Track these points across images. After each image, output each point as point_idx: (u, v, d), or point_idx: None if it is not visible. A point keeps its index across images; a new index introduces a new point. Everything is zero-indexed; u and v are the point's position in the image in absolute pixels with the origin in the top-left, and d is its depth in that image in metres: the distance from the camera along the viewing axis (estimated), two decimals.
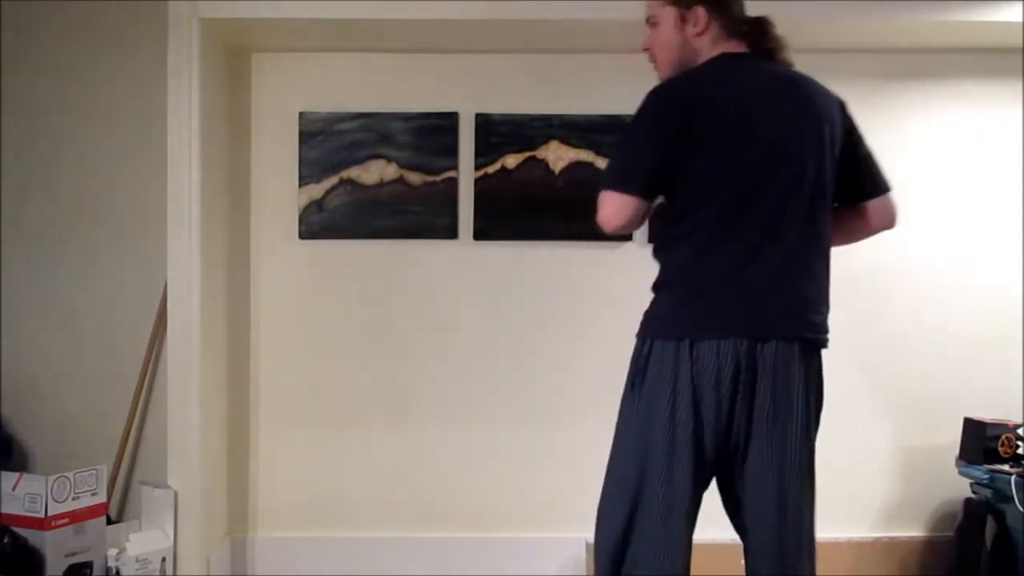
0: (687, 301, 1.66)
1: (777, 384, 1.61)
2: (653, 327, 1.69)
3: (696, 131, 1.63)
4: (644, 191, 1.66)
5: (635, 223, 1.69)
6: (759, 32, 1.76)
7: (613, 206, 1.66)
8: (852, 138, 1.76)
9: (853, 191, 1.78)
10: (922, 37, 2.88)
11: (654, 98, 1.68)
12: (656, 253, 1.75)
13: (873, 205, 1.79)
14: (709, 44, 1.75)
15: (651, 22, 1.83)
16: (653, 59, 1.84)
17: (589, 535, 3.01)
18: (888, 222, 1.82)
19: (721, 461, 1.67)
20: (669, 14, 1.77)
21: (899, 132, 3.03)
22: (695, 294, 1.65)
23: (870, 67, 3.03)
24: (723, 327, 1.61)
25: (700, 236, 1.65)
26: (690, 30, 1.75)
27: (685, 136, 1.63)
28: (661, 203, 1.73)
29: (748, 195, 1.63)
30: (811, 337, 1.66)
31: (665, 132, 1.64)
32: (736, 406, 1.62)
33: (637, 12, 2.75)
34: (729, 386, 1.60)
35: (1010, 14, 2.73)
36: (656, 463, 1.64)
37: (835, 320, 1.72)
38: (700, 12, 1.74)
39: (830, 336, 1.71)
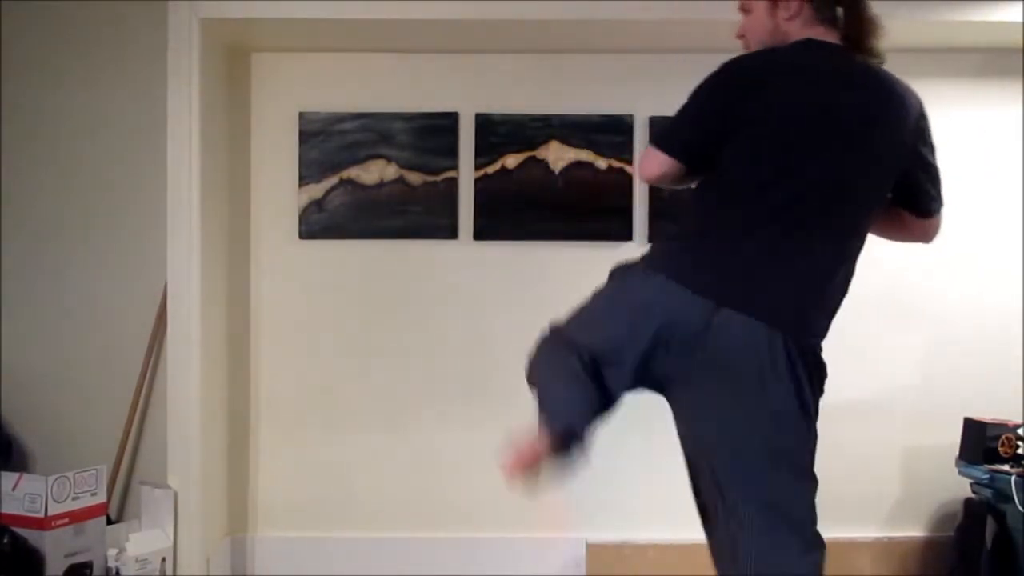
0: (700, 258, 1.65)
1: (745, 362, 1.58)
2: (656, 262, 1.69)
3: (750, 109, 1.63)
4: (684, 155, 1.69)
5: (669, 181, 1.75)
6: (852, 15, 1.74)
7: (651, 160, 1.72)
8: (919, 149, 1.72)
9: (903, 201, 1.77)
10: (922, 37, 2.88)
11: (722, 69, 1.69)
12: (693, 203, 1.75)
13: (919, 221, 1.82)
14: (799, 29, 1.73)
15: (743, 8, 1.82)
16: (747, 47, 1.83)
17: (589, 535, 3.04)
18: (924, 239, 1.86)
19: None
20: (761, 1, 1.77)
21: None
22: (704, 261, 1.64)
23: None
24: (722, 296, 1.58)
25: (730, 213, 1.64)
26: (781, 15, 1.74)
27: (738, 112, 1.63)
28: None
29: (787, 186, 1.61)
30: (801, 339, 1.60)
31: (719, 105, 1.67)
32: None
33: (637, 12, 2.77)
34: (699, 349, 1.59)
35: (1010, 14, 2.73)
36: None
37: (836, 320, 1.71)
38: None
39: (822, 343, 1.66)
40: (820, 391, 1.66)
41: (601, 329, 1.71)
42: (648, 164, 1.73)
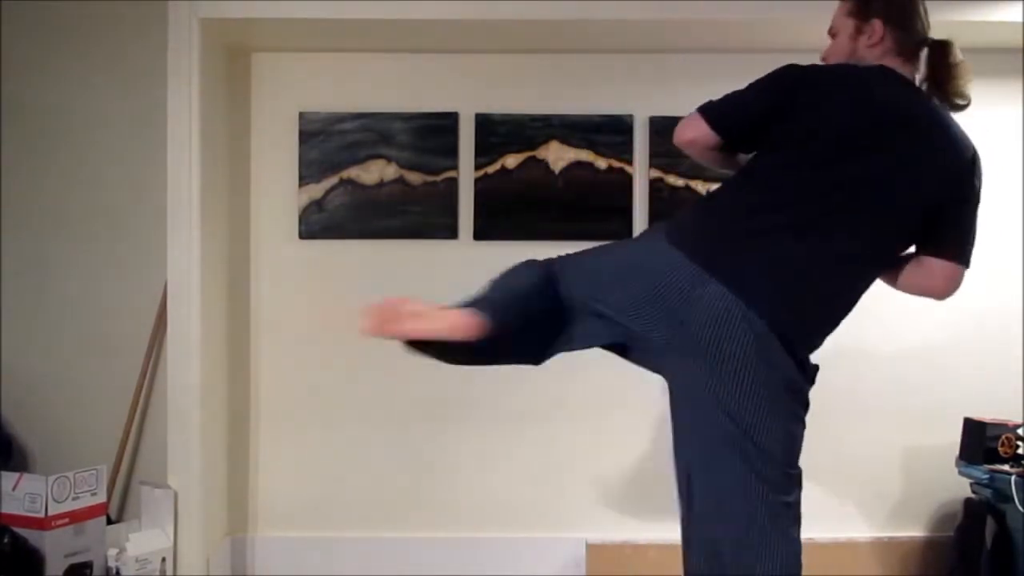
0: (702, 231, 1.69)
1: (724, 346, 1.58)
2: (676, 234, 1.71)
3: (799, 111, 1.66)
4: (722, 130, 1.73)
5: (697, 150, 1.80)
6: (937, 55, 1.76)
7: (690, 124, 1.76)
8: (958, 196, 1.70)
9: (927, 241, 1.73)
10: None
11: (788, 67, 1.73)
12: (718, 188, 1.80)
13: (937, 264, 1.72)
14: (878, 57, 1.76)
15: (832, 32, 1.86)
16: None
17: (589, 535, 3.04)
18: (939, 290, 1.75)
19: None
20: (848, 25, 1.80)
21: None
22: (722, 240, 1.67)
23: None
24: (722, 272, 1.60)
25: (741, 198, 1.70)
26: (864, 41, 1.77)
27: (788, 110, 1.67)
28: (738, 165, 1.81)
29: (803, 185, 1.64)
30: (786, 333, 1.59)
31: (773, 98, 1.70)
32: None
33: (637, 12, 2.77)
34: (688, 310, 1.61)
35: (1010, 14, 2.73)
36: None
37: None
38: (877, 25, 1.75)
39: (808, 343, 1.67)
40: (799, 382, 1.65)
41: (602, 262, 1.79)
42: (686, 127, 1.77)
